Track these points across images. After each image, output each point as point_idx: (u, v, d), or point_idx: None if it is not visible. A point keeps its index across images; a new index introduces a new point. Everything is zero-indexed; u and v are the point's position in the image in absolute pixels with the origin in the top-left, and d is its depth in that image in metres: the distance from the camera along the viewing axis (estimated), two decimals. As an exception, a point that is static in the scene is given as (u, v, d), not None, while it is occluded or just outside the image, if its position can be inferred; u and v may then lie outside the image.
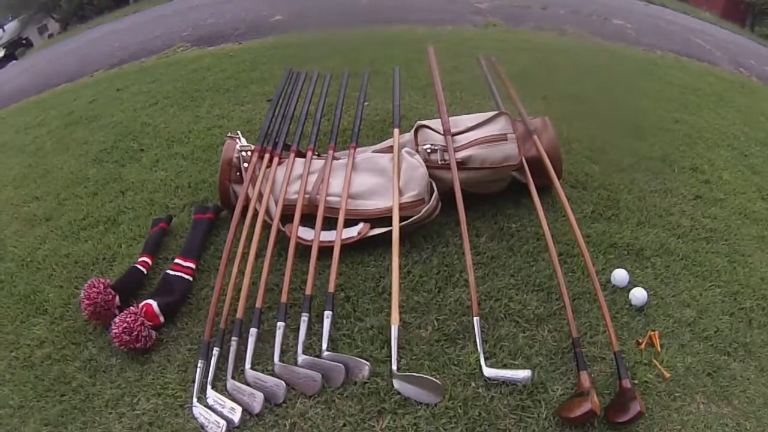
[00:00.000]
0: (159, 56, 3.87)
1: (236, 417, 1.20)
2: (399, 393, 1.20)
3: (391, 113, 1.82)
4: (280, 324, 1.35)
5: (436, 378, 1.21)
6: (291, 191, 1.67)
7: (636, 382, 1.24)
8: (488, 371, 1.19)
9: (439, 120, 1.71)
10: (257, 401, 1.22)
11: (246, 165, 1.74)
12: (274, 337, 1.34)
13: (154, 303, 1.45)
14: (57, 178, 2.38)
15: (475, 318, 1.27)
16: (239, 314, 1.37)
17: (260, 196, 1.63)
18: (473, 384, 1.19)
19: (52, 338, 1.51)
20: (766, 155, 2.48)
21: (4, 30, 10.31)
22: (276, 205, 1.61)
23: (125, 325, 1.37)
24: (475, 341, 1.27)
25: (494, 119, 1.68)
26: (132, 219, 1.94)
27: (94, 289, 1.46)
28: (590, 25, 4.80)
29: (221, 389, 1.28)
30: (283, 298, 1.39)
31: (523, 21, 4.43)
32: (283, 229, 1.58)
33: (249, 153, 1.76)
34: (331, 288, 1.39)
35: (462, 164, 1.62)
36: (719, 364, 1.33)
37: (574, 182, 1.91)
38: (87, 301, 1.45)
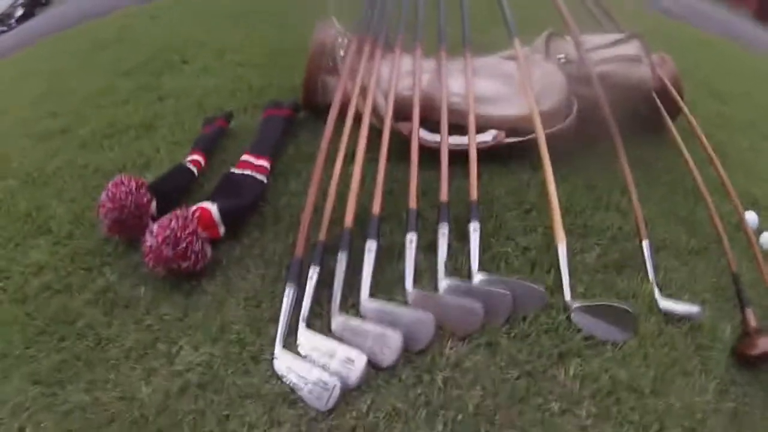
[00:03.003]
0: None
1: (355, 373, 0.74)
2: (581, 329, 0.90)
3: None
4: (411, 235, 0.92)
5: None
6: (402, 87, 1.28)
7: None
8: (663, 303, 1.01)
9: (567, 37, 1.51)
10: (390, 346, 0.76)
11: (343, 53, 1.36)
12: (403, 253, 0.91)
13: (212, 206, 1.01)
14: (79, 95, 1.95)
15: (644, 242, 1.08)
16: (348, 222, 0.92)
17: (363, 90, 1.25)
18: (653, 318, 0.97)
19: (55, 263, 1.09)
20: None
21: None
22: (386, 101, 1.22)
23: (168, 232, 0.93)
24: (645, 270, 1.05)
25: (627, 41, 1.51)
26: (174, 123, 1.50)
27: (123, 188, 1.03)
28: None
29: (323, 329, 0.83)
30: (412, 203, 0.97)
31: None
32: (398, 127, 1.17)
33: (346, 41, 1.39)
34: (474, 195, 1.03)
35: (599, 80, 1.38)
36: None
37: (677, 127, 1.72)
38: (111, 204, 1.02)
